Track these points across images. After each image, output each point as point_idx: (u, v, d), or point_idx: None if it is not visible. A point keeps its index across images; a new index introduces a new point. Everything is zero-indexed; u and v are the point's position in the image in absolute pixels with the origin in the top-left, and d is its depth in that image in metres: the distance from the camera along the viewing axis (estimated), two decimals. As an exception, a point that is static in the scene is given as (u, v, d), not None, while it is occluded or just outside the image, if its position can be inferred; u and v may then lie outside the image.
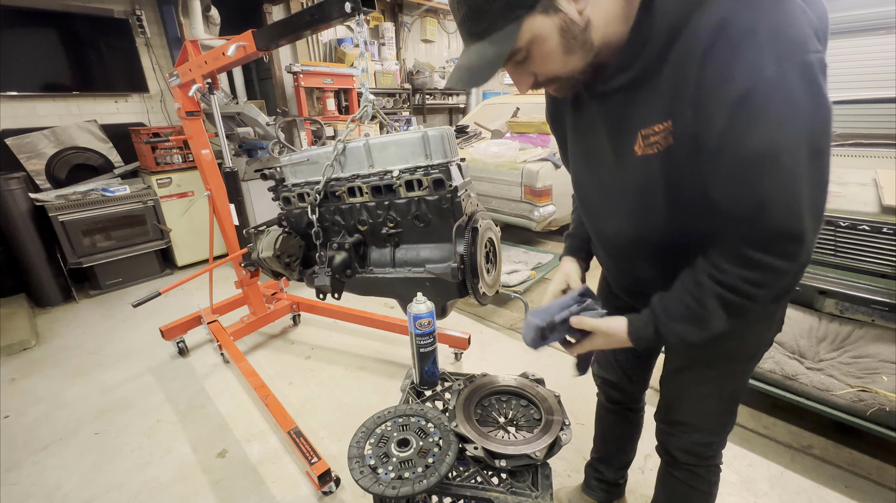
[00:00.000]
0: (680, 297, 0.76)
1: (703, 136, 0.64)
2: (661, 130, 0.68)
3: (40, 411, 2.15)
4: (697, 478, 1.06)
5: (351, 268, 1.33)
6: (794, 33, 0.57)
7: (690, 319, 0.74)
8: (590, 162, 0.86)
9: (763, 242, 0.65)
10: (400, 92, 5.47)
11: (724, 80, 0.59)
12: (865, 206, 1.72)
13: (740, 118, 0.59)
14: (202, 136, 2.27)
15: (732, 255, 0.68)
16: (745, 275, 0.67)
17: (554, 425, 0.99)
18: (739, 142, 0.60)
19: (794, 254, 0.64)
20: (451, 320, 2.88)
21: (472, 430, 0.97)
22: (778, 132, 0.58)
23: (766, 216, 0.62)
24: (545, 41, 0.66)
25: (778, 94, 0.57)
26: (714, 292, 0.70)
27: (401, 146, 1.20)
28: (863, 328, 1.79)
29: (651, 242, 0.81)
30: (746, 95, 0.58)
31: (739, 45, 0.57)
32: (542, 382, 1.17)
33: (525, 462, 0.92)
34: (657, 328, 0.78)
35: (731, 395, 0.98)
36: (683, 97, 0.64)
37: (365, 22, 1.28)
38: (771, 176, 0.60)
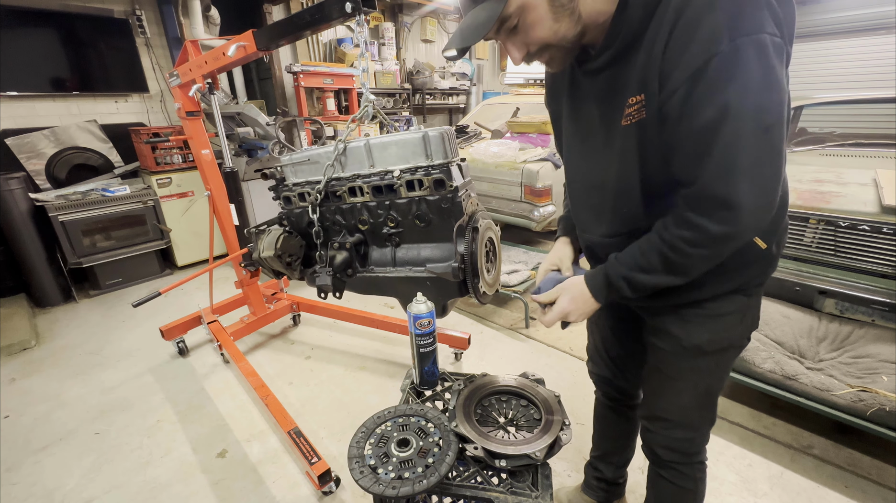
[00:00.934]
0: (630, 249, 0.83)
1: (665, 107, 0.69)
2: (635, 103, 0.73)
3: (40, 411, 2.15)
4: (683, 476, 1.08)
5: (352, 267, 1.33)
6: (750, 13, 0.61)
7: (635, 267, 0.82)
8: (583, 137, 0.91)
9: (698, 205, 0.71)
10: (400, 92, 5.47)
11: (685, 52, 0.63)
12: (865, 206, 1.72)
13: (696, 90, 0.64)
14: (202, 136, 2.27)
15: (677, 216, 0.75)
16: (681, 234, 0.74)
17: (554, 425, 0.99)
18: (692, 111, 0.65)
19: (725, 219, 0.69)
20: (451, 320, 2.88)
21: (472, 430, 0.97)
22: (724, 102, 0.62)
23: (700, 180, 0.69)
24: (534, 8, 0.71)
25: (730, 67, 0.61)
26: (657, 248, 0.78)
27: (401, 146, 1.20)
28: (863, 328, 1.80)
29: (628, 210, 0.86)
30: (702, 68, 0.62)
31: (699, 20, 0.61)
32: (542, 382, 1.17)
33: (525, 462, 0.92)
34: (606, 274, 0.86)
35: (706, 390, 0.99)
36: (652, 70, 0.68)
37: (365, 22, 1.28)
38: (712, 144, 0.65)
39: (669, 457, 1.07)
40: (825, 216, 1.79)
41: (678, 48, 0.64)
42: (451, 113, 6.75)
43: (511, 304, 3.07)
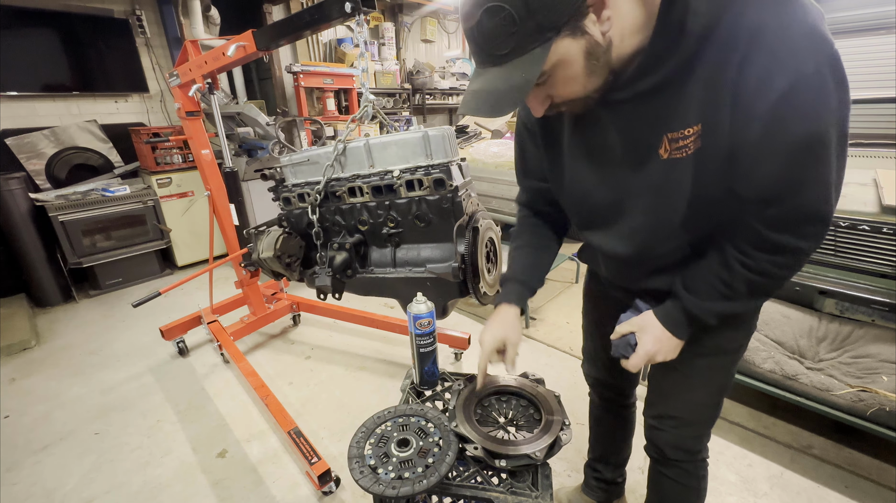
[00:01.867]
0: (708, 282, 0.80)
1: (740, 133, 0.65)
2: (692, 134, 0.68)
3: (40, 411, 2.15)
4: (686, 474, 1.08)
5: (351, 268, 1.33)
6: (820, 31, 0.60)
7: (719, 298, 0.79)
8: (595, 170, 0.84)
9: (791, 225, 0.69)
10: (400, 92, 5.47)
11: (768, 78, 0.60)
12: (865, 206, 1.72)
13: (784, 111, 0.61)
14: (202, 136, 2.27)
15: (760, 242, 0.72)
16: (773, 260, 0.73)
17: (554, 425, 0.98)
18: (782, 132, 0.62)
19: (817, 234, 0.70)
20: (451, 320, 2.88)
21: (472, 430, 0.97)
22: (817, 121, 0.61)
23: (803, 198, 0.66)
24: (570, 64, 0.65)
25: (816, 87, 0.60)
26: (744, 276, 0.76)
27: (401, 146, 1.20)
28: (863, 328, 1.79)
29: (664, 236, 0.82)
30: (790, 90, 0.60)
31: (779, 45, 0.59)
32: (542, 382, 1.17)
33: (525, 462, 0.92)
34: (687, 310, 0.83)
35: (719, 387, 1.00)
36: (718, 100, 0.64)
37: (365, 22, 1.28)
38: (810, 165, 0.64)
39: (675, 456, 1.07)
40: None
41: (759, 74, 0.61)
42: (451, 113, 6.74)
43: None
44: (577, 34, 0.62)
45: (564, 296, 3.19)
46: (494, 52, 0.64)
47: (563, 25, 0.61)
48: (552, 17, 0.60)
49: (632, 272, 0.95)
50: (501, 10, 0.59)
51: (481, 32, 0.63)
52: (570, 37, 0.62)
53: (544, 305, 3.06)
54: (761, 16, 0.60)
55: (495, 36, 0.62)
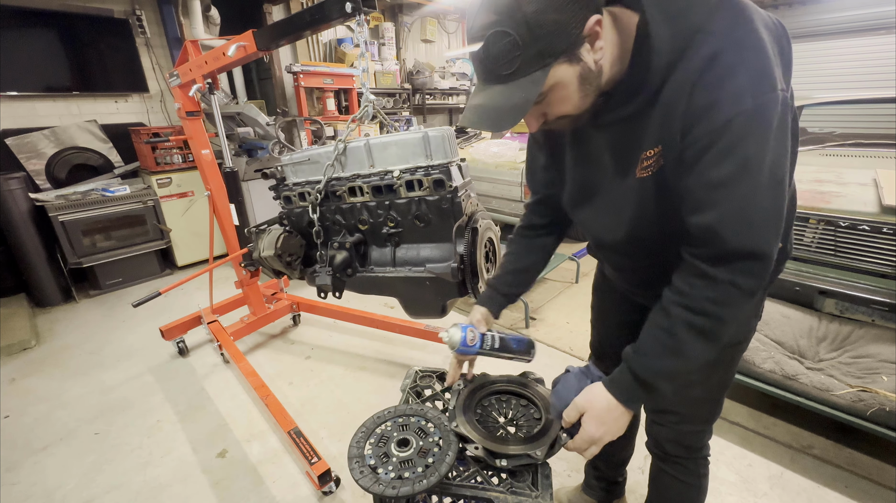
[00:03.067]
0: (650, 335, 0.78)
1: (684, 157, 0.70)
2: (654, 155, 0.75)
3: (40, 411, 2.15)
4: (687, 471, 1.09)
5: (352, 267, 1.33)
6: (769, 73, 0.64)
7: (665, 353, 0.75)
8: (590, 183, 0.91)
9: (724, 260, 0.70)
10: (400, 92, 5.47)
11: (708, 108, 0.65)
12: (865, 206, 1.72)
13: (718, 142, 0.66)
14: (202, 136, 2.27)
15: (693, 275, 0.73)
16: (708, 295, 0.71)
17: (554, 424, 0.97)
18: (712, 164, 0.67)
19: (754, 270, 0.69)
20: (451, 320, 2.87)
21: (473, 430, 0.97)
22: (747, 158, 0.65)
23: (726, 235, 0.68)
24: (565, 87, 0.70)
25: (753, 124, 0.64)
26: (682, 318, 0.73)
27: (401, 146, 1.20)
28: (863, 328, 1.79)
29: (647, 247, 0.88)
30: (727, 123, 0.64)
31: (725, 78, 0.64)
32: (541, 382, 1.16)
33: (525, 461, 0.92)
34: (634, 372, 0.78)
35: (718, 384, 1.01)
36: (673, 123, 0.70)
37: (365, 22, 1.28)
38: (733, 197, 0.67)
39: (676, 452, 1.08)
40: (825, 216, 1.79)
41: (703, 104, 0.66)
42: (451, 113, 6.74)
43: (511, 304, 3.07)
44: (574, 61, 0.68)
45: (564, 296, 3.19)
46: (498, 72, 0.69)
47: (561, 52, 0.66)
48: (552, 44, 0.66)
49: (627, 278, 1.00)
50: (507, 35, 0.65)
51: (487, 53, 0.68)
52: (567, 63, 0.68)
53: (544, 305, 3.06)
54: (716, 49, 0.64)
55: (500, 57, 0.67)
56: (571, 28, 0.65)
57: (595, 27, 0.66)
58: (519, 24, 0.64)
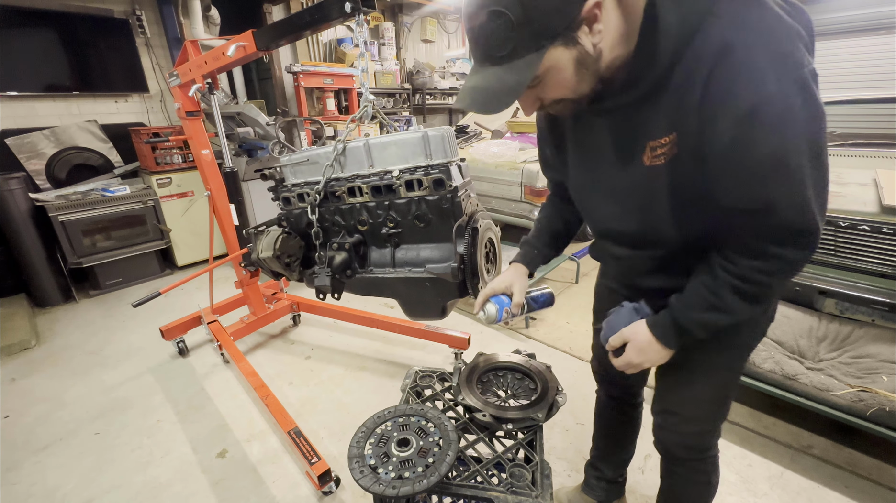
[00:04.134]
0: (696, 291, 0.81)
1: (709, 145, 0.68)
2: (667, 143, 0.73)
3: (40, 411, 2.15)
4: (695, 471, 1.09)
5: (351, 268, 1.33)
6: (788, 51, 0.62)
7: (706, 307, 0.80)
8: (592, 170, 0.90)
9: (776, 236, 0.71)
10: (400, 92, 5.47)
11: (731, 96, 0.63)
12: (865, 206, 1.72)
13: (748, 129, 0.64)
14: (202, 136, 2.27)
15: (745, 248, 0.74)
16: (757, 265, 0.73)
17: (550, 391, 1.09)
18: (747, 150, 0.65)
19: (805, 244, 0.71)
20: (450, 320, 2.87)
21: (478, 401, 1.06)
22: (782, 140, 0.63)
23: (777, 214, 0.68)
24: (561, 71, 0.69)
25: (780, 106, 0.62)
26: (729, 283, 0.76)
27: (401, 146, 1.20)
28: (863, 328, 1.79)
29: (656, 235, 0.86)
30: (753, 109, 0.62)
31: (742, 65, 0.62)
32: (533, 356, 1.25)
33: (528, 423, 1.02)
34: (675, 318, 0.83)
35: (723, 384, 1.00)
36: (688, 112, 0.68)
37: (365, 22, 1.28)
38: (778, 178, 0.66)
39: (682, 454, 1.08)
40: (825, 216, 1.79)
41: (722, 93, 0.64)
42: (451, 113, 6.74)
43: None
44: (570, 44, 0.66)
45: (564, 296, 3.19)
46: (492, 53, 0.68)
47: (557, 35, 0.65)
48: (548, 26, 0.64)
49: (633, 268, 0.98)
50: (502, 14, 0.63)
51: (482, 33, 0.67)
52: (563, 46, 0.66)
53: (544, 305, 3.05)
54: (728, 35, 0.63)
55: (494, 38, 0.66)
56: (568, 9, 0.63)
57: (594, 9, 0.64)
58: (513, 3, 0.62)
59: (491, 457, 1.00)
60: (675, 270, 0.88)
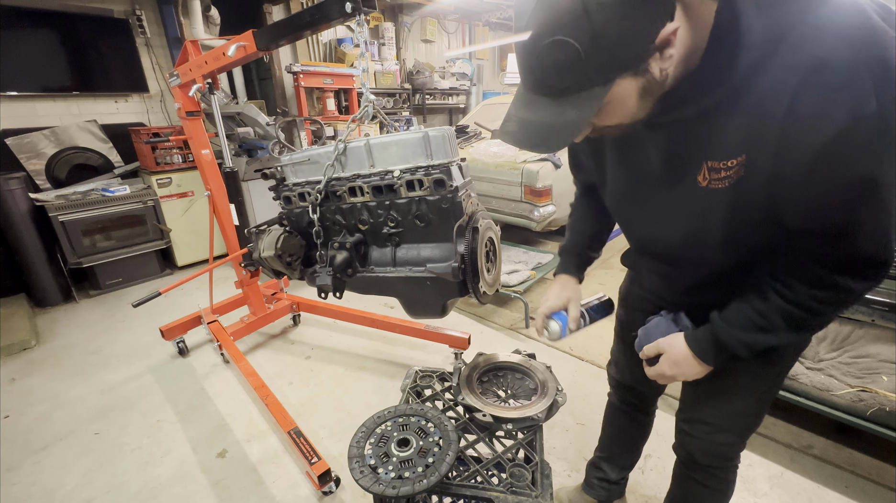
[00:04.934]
0: (741, 310, 0.77)
1: (787, 168, 0.62)
2: (734, 165, 0.66)
3: (40, 411, 2.15)
4: (715, 478, 1.07)
5: (352, 267, 1.33)
6: (891, 66, 0.55)
7: (752, 328, 0.76)
8: (635, 185, 0.84)
9: (845, 264, 0.66)
10: (400, 92, 5.47)
11: (824, 116, 0.57)
12: (865, 206, 1.72)
13: (840, 150, 0.57)
14: (202, 136, 2.27)
15: (807, 275, 0.69)
16: (816, 294, 0.69)
17: (549, 391, 1.08)
18: (836, 171, 0.59)
19: (874, 276, 0.67)
20: (451, 320, 2.88)
21: (478, 401, 1.06)
22: (878, 163, 0.58)
23: (854, 242, 0.64)
24: (624, 101, 0.63)
25: (878, 128, 0.56)
26: (780, 307, 0.72)
27: (402, 146, 1.20)
28: (863, 328, 1.80)
29: (702, 257, 0.81)
30: (848, 130, 0.56)
31: (839, 81, 0.55)
32: (533, 356, 1.24)
33: (529, 423, 1.02)
34: (716, 336, 0.80)
35: (761, 397, 0.97)
36: (766, 133, 0.61)
37: (365, 22, 1.28)
38: (865, 204, 0.61)
39: (707, 462, 1.05)
40: None
41: (814, 110, 0.57)
42: (451, 113, 6.75)
43: (511, 304, 3.07)
44: (640, 73, 0.60)
45: (564, 296, 3.18)
46: (552, 85, 0.61)
47: (628, 66, 0.59)
48: (619, 56, 0.57)
49: (673, 285, 0.95)
50: (568, 45, 0.56)
51: (541, 63, 0.59)
52: (631, 76, 0.60)
53: (544, 305, 3.05)
54: (822, 47, 0.56)
55: (556, 70, 0.59)
56: (644, 38, 0.56)
57: (670, 35, 0.57)
58: (584, 33, 0.54)
59: (491, 457, 1.00)
60: (717, 288, 0.84)
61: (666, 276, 0.95)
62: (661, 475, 1.65)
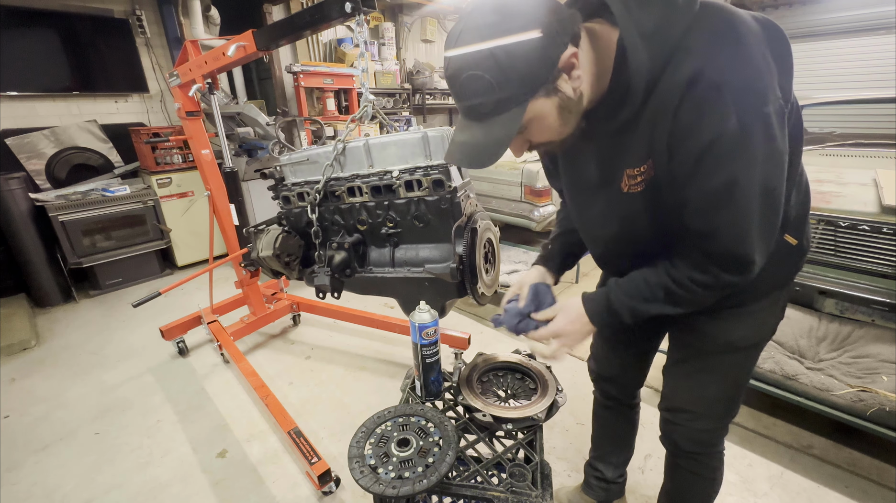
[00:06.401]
0: (636, 281, 0.87)
1: (675, 172, 0.74)
2: (644, 170, 0.78)
3: (40, 411, 2.15)
4: (701, 465, 1.11)
5: (350, 267, 1.33)
6: (756, 87, 0.65)
7: (639, 298, 0.86)
8: (581, 189, 0.96)
9: (716, 258, 0.77)
10: (400, 92, 5.47)
11: (693, 129, 0.67)
12: (865, 206, 1.72)
13: (706, 161, 0.68)
14: (202, 136, 2.27)
15: (689, 258, 0.80)
16: (693, 276, 0.80)
17: (549, 391, 1.08)
18: (704, 179, 0.70)
19: (740, 271, 0.77)
20: (451, 320, 2.88)
21: (478, 401, 1.06)
22: (734, 173, 0.68)
23: (718, 240, 0.74)
24: (545, 118, 0.72)
25: (738, 143, 0.66)
26: (664, 283, 0.83)
27: (401, 146, 1.20)
28: (863, 328, 1.79)
29: (633, 246, 0.93)
30: (711, 144, 0.66)
31: (707, 99, 0.65)
32: (533, 356, 1.24)
33: (529, 423, 1.01)
34: (608, 299, 0.89)
35: (734, 382, 1.02)
36: (660, 142, 0.72)
37: (365, 22, 1.28)
38: (726, 209, 0.71)
39: (691, 448, 1.10)
40: (825, 216, 1.79)
41: (686, 125, 0.68)
42: (451, 113, 6.74)
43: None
44: (551, 93, 0.69)
45: (564, 296, 3.19)
46: (476, 110, 0.71)
47: (538, 88, 0.68)
48: (527, 83, 0.67)
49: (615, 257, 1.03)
50: (481, 78, 0.66)
51: (463, 92, 0.70)
52: (544, 96, 0.69)
53: (544, 305, 3.05)
54: (699, 65, 0.65)
55: (476, 97, 0.69)
56: (545, 64, 0.66)
57: (571, 59, 0.67)
58: (491, 68, 0.64)
59: (491, 457, 1.00)
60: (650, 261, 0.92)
61: (609, 263, 1.06)
62: (660, 475, 1.64)
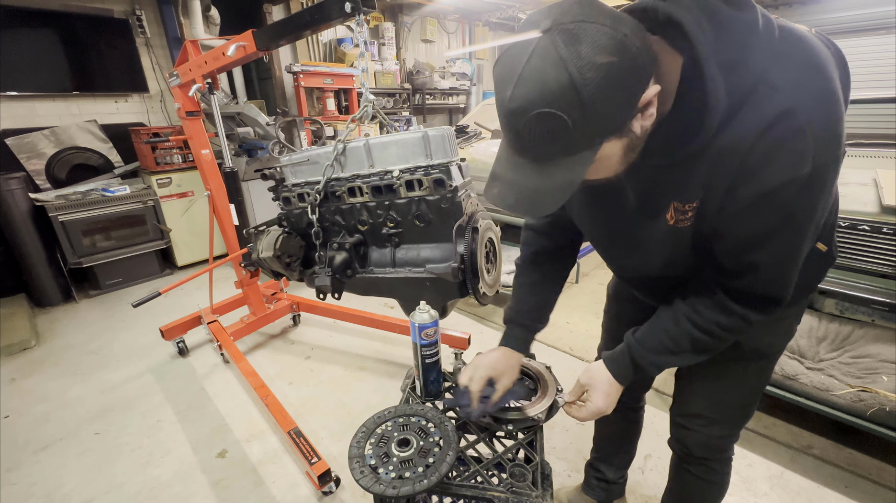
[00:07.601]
0: (655, 334, 0.85)
1: (729, 203, 0.67)
2: (697, 206, 0.71)
3: (40, 411, 2.15)
4: (711, 471, 1.09)
5: (351, 268, 1.33)
6: (837, 130, 0.60)
7: (663, 352, 0.84)
8: (609, 218, 0.88)
9: (744, 298, 0.74)
10: (400, 92, 5.47)
11: (764, 170, 0.61)
12: (865, 206, 1.72)
13: (767, 200, 0.63)
14: (202, 136, 2.27)
15: (711, 300, 0.77)
16: (720, 321, 0.77)
17: (549, 391, 1.07)
18: (758, 215, 0.65)
19: (769, 310, 0.75)
20: (451, 320, 2.88)
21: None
22: (794, 214, 0.65)
23: (756, 280, 0.72)
24: (609, 159, 0.65)
25: (807, 187, 0.62)
26: (688, 332, 0.80)
27: (401, 146, 1.20)
28: (863, 328, 1.79)
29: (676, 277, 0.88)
30: (781, 186, 0.61)
31: (786, 140, 0.59)
32: (533, 356, 1.24)
33: (529, 424, 1.01)
34: (633, 359, 0.86)
35: (754, 389, 1.00)
36: (721, 178, 0.65)
37: (365, 22, 1.28)
38: (773, 246, 0.68)
39: (702, 454, 1.08)
40: (825, 216, 1.78)
41: (757, 164, 0.61)
42: (451, 113, 6.74)
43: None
44: (624, 134, 0.62)
45: (564, 296, 3.18)
46: (542, 150, 0.61)
47: (615, 131, 0.60)
48: (607, 124, 0.59)
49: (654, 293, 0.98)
50: (557, 117, 0.56)
51: (528, 130, 0.59)
52: (616, 137, 0.62)
53: (544, 305, 3.05)
54: (788, 104, 0.58)
55: (544, 139, 0.59)
56: (629, 106, 0.58)
57: (652, 98, 0.59)
58: (573, 106, 0.55)
59: (491, 457, 1.00)
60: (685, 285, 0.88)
61: (644, 291, 1.01)
62: (661, 475, 1.65)
